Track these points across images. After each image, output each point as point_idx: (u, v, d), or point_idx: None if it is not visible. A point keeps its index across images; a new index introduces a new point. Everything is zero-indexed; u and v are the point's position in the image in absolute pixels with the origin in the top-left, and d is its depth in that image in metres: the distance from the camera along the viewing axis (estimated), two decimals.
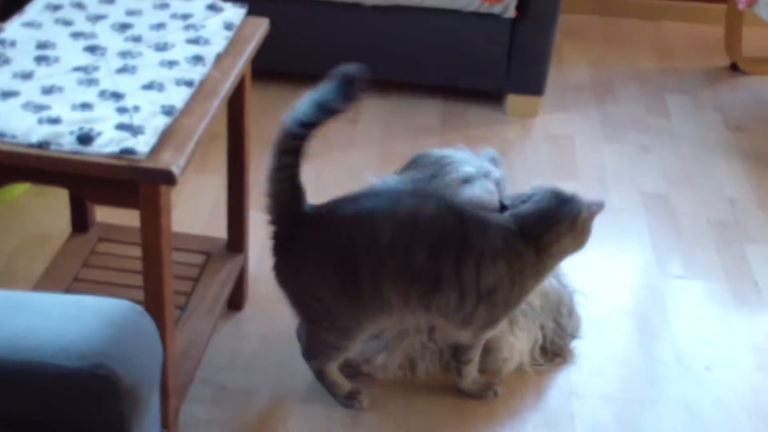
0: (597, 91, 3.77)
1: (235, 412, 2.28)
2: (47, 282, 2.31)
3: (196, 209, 2.93)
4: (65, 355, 1.29)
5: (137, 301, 1.48)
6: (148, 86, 1.85)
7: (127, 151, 1.67)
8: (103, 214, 2.59)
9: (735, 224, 3.05)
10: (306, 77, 3.62)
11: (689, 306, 2.71)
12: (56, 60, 1.91)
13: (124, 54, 1.95)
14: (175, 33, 2.05)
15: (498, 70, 3.47)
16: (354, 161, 3.23)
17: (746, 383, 2.47)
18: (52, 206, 2.90)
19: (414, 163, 2.33)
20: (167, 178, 1.69)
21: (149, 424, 1.38)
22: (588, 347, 2.54)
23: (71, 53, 1.94)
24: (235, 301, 2.55)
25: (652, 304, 2.71)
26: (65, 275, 2.34)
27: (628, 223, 3.03)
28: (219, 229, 2.57)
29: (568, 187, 2.35)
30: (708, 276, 2.83)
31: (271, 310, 2.58)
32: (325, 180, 3.12)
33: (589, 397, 2.40)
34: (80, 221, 2.48)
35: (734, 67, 3.98)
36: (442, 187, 2.20)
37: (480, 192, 2.18)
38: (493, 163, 2.32)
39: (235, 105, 2.27)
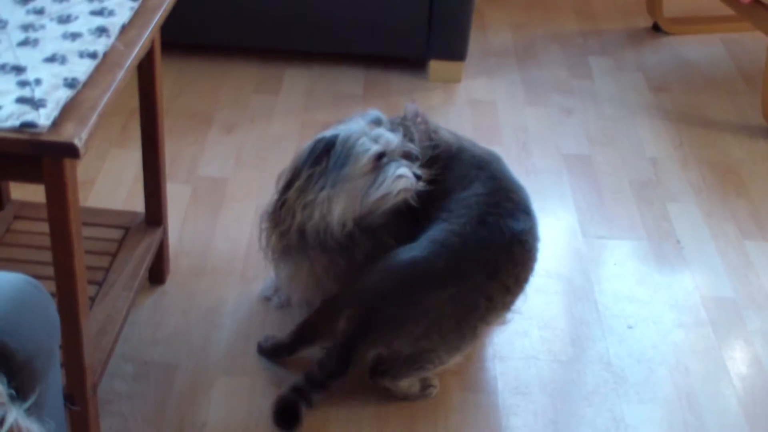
0: (520, 55, 3.78)
1: (157, 386, 2.26)
2: None
3: (117, 184, 2.89)
4: None
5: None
6: (51, 59, 1.81)
7: (27, 125, 1.64)
8: (20, 192, 2.55)
9: (657, 183, 3.07)
10: (227, 50, 3.61)
11: (611, 266, 2.74)
12: None
13: (25, 27, 1.91)
14: (79, 5, 2.01)
15: (419, 36, 3.46)
16: (276, 131, 3.21)
17: (667, 340, 2.50)
18: None
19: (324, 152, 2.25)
20: (70, 151, 1.65)
21: (49, 400, 1.36)
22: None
23: None
24: (157, 275, 2.53)
25: (575, 265, 2.73)
26: None
27: (550, 185, 3.04)
28: (140, 205, 2.53)
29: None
30: (630, 235, 2.85)
31: (193, 284, 2.56)
32: (246, 151, 3.10)
33: (513, 359, 2.41)
34: None
35: (656, 28, 4.00)
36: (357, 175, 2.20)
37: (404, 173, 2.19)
38: (378, 124, 2.32)
39: (146, 77, 2.23)
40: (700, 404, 2.31)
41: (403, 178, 2.20)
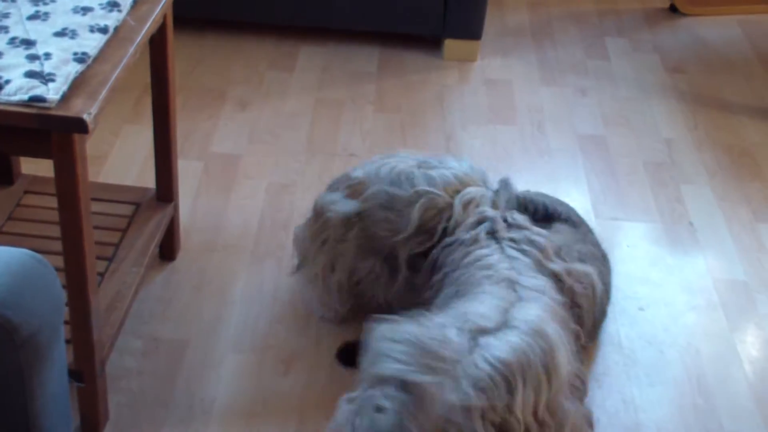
0: (536, 35, 3.76)
1: (166, 362, 2.26)
2: None
3: (129, 160, 2.89)
4: None
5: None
6: (61, 33, 1.81)
7: (36, 99, 1.64)
8: (32, 167, 2.55)
9: (671, 165, 3.05)
10: (242, 26, 3.61)
11: (624, 248, 2.72)
12: None
13: (36, 0, 1.91)
14: None
15: (435, 14, 3.44)
16: (290, 109, 3.20)
17: (678, 323, 2.49)
18: None
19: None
20: (79, 126, 1.65)
21: (53, 376, 1.36)
22: None
23: None
24: (168, 251, 2.53)
25: None
26: None
27: (564, 166, 3.03)
28: (152, 181, 2.53)
29: (507, 131, 2.36)
30: (643, 217, 2.84)
31: (204, 260, 2.56)
32: (260, 128, 3.09)
33: None
34: (5, 174, 2.44)
35: (673, 9, 3.97)
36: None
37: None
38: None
39: (158, 52, 2.23)
40: (710, 387, 2.30)
41: None
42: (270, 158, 2.96)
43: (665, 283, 2.61)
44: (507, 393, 1.72)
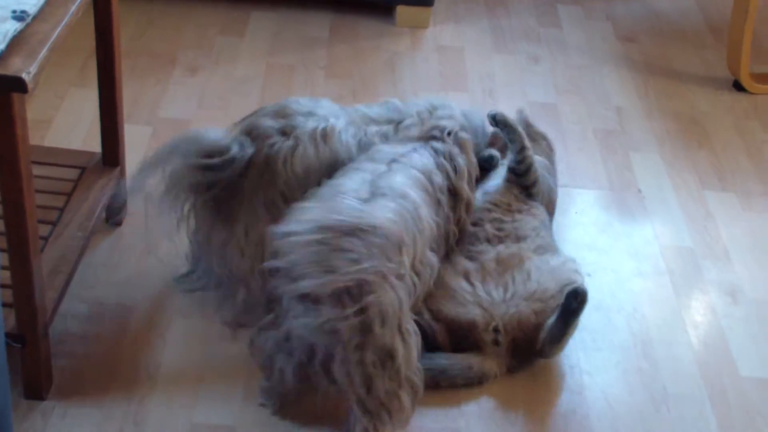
0: (488, 2, 3.75)
1: (111, 327, 2.25)
2: None
3: (76, 124, 2.86)
4: None
5: None
6: None
7: None
8: None
9: (621, 133, 3.07)
10: None
11: (573, 214, 2.74)
12: None
13: None
14: None
15: None
16: (240, 74, 3.18)
17: (625, 289, 2.51)
18: None
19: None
20: (18, 85, 1.62)
21: None
22: None
23: None
24: (114, 216, 2.51)
25: None
26: None
27: None
28: (99, 146, 2.50)
29: (458, 98, 2.36)
30: (592, 184, 2.85)
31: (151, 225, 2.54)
32: (209, 93, 3.07)
33: None
34: None
35: None
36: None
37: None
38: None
39: (102, 13, 2.20)
40: (654, 351, 2.33)
41: None
42: (220, 124, 2.90)
43: (613, 250, 2.63)
44: (399, 254, 1.91)
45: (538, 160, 2.50)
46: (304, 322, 1.84)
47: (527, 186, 2.44)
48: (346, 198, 1.95)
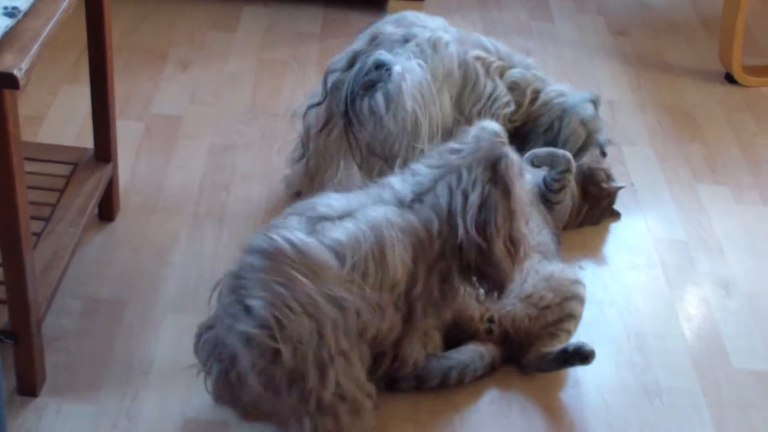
0: None
1: (105, 323, 2.24)
2: None
3: (68, 120, 2.85)
4: None
5: None
6: None
7: None
8: None
9: (613, 126, 3.07)
10: None
11: None
12: None
13: None
14: None
15: None
16: (232, 69, 3.17)
17: (619, 282, 2.51)
18: None
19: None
20: (9, 82, 1.62)
21: None
22: None
23: None
24: (107, 212, 2.51)
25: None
26: None
27: None
28: (91, 141, 2.50)
29: None
30: None
31: (144, 221, 2.54)
32: (202, 89, 3.06)
33: None
34: None
35: None
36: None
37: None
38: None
39: (94, 9, 2.19)
40: (647, 344, 2.33)
41: None
42: (212, 119, 2.93)
43: (606, 243, 2.63)
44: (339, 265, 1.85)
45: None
46: (229, 324, 1.85)
47: (551, 202, 2.46)
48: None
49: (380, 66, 2.32)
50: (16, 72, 1.62)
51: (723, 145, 3.03)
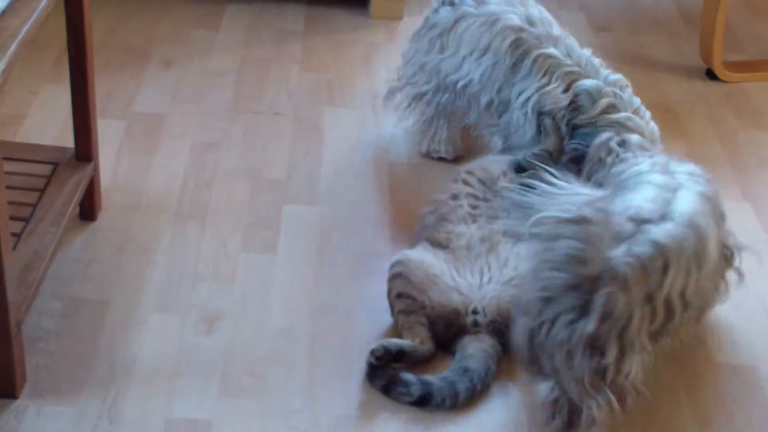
0: None
1: (86, 323, 2.24)
2: None
3: (49, 120, 2.85)
4: None
5: None
6: None
7: None
8: None
9: None
10: None
11: None
12: None
13: None
14: None
15: None
16: (215, 67, 3.17)
17: None
18: None
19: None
20: None
21: None
22: None
23: None
24: (88, 211, 2.50)
25: None
26: None
27: None
28: (72, 141, 2.50)
29: None
30: None
31: (126, 220, 2.53)
32: (184, 87, 3.06)
33: None
34: None
35: None
36: None
37: None
38: None
39: (74, 7, 2.19)
40: None
41: None
42: (194, 118, 2.93)
43: None
44: (662, 272, 1.93)
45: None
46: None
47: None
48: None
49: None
50: None
51: (704, 141, 3.04)
